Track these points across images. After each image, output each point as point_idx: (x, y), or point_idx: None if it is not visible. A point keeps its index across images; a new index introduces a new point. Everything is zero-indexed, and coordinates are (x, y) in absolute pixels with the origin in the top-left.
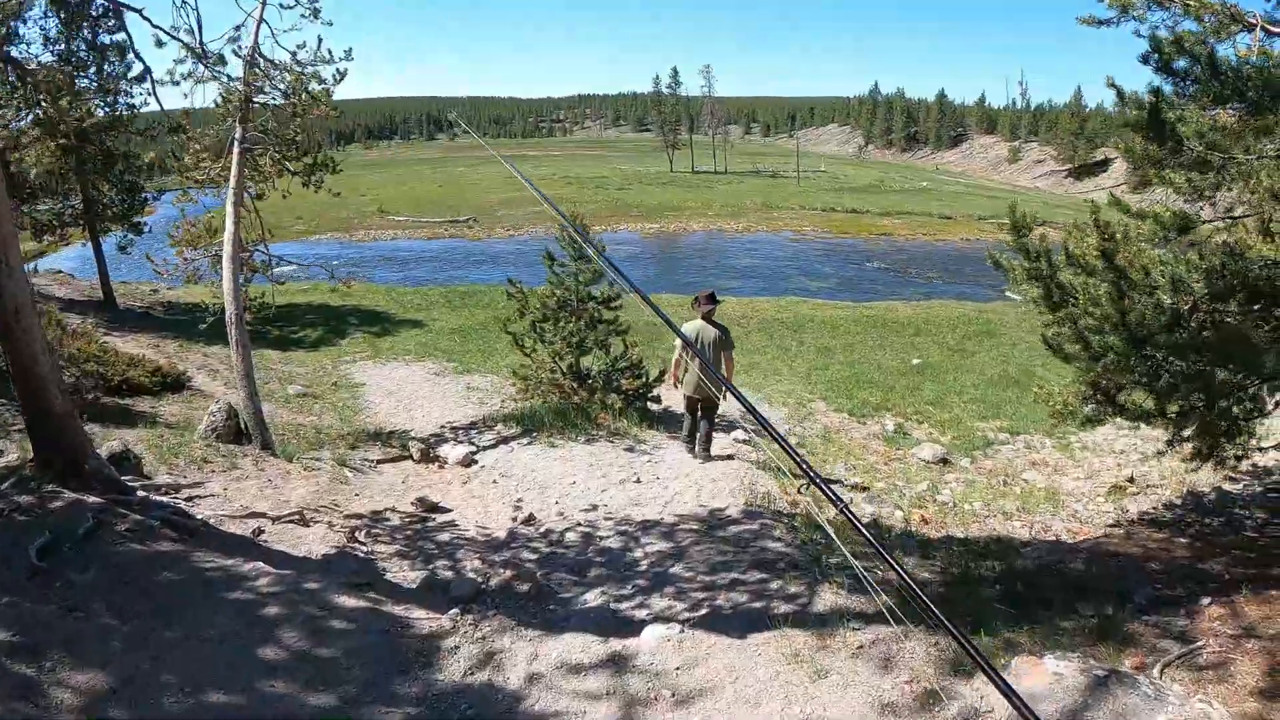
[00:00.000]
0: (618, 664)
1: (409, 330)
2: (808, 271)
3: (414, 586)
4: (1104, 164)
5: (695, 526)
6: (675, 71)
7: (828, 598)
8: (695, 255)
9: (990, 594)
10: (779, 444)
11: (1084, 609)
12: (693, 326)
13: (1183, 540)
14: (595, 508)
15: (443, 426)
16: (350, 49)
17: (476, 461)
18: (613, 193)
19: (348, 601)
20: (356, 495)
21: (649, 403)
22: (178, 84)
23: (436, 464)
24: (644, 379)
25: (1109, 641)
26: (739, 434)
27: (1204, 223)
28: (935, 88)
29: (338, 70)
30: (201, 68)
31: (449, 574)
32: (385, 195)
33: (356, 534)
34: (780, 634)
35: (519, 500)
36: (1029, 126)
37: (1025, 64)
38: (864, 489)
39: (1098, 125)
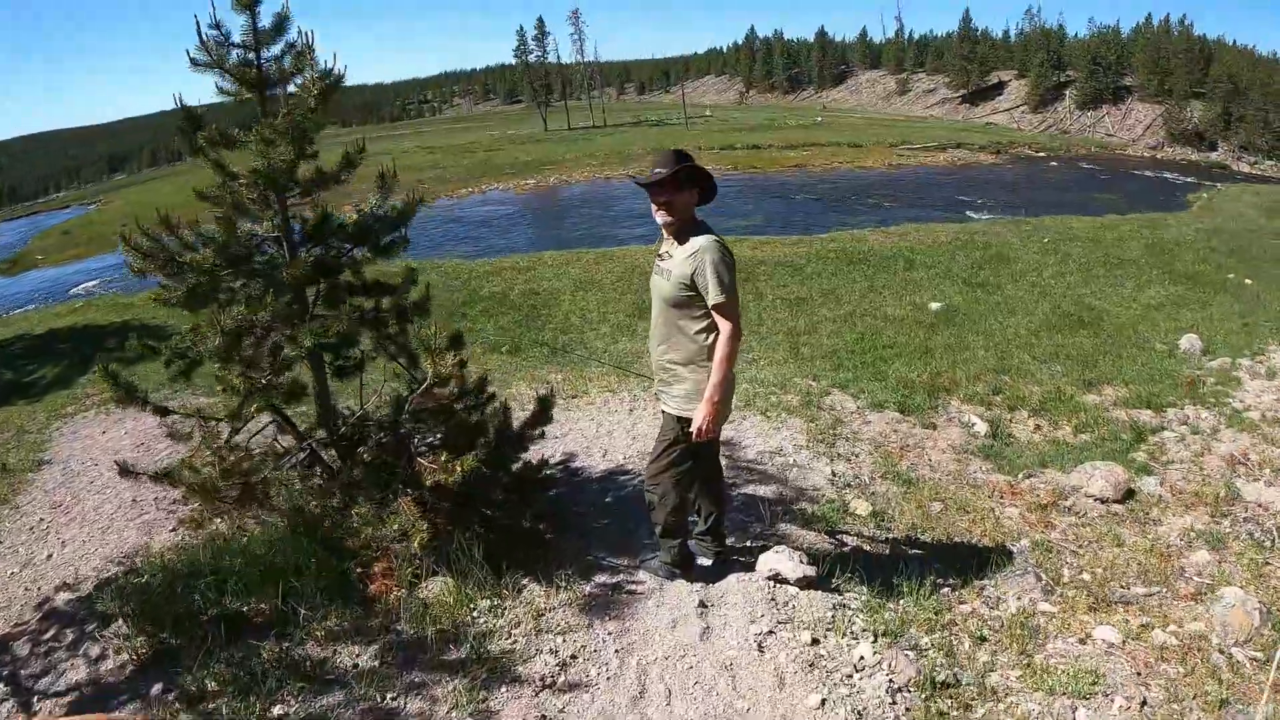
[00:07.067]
0: None
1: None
2: (727, 211)
3: None
4: (998, 87)
5: None
6: (541, 21)
7: None
8: (582, 205)
9: None
10: None
11: None
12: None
13: None
14: None
15: (43, 601)
16: None
17: None
18: (480, 155)
19: None
20: None
21: (532, 488)
22: None
23: None
24: (487, 435)
25: None
26: (782, 561)
27: None
28: (813, 27)
29: None
30: None
31: None
32: None
33: None
34: None
35: None
36: (914, 58)
37: None
38: None
39: (987, 49)
